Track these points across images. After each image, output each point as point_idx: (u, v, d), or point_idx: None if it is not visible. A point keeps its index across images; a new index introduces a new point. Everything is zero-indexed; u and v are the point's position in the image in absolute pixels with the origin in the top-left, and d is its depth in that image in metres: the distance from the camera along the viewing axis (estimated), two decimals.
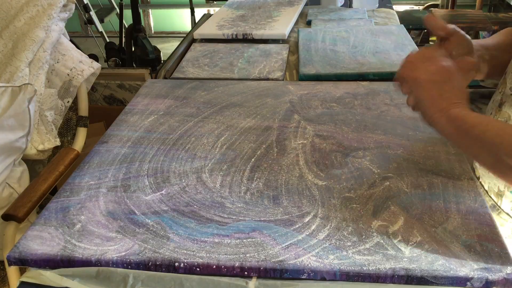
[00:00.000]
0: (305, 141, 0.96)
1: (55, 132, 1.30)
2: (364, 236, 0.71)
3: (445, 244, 0.69)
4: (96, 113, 1.74)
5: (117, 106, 1.98)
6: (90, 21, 3.42)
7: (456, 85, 0.74)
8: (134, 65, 2.51)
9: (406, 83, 0.76)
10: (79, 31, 4.41)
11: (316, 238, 0.71)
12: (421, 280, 0.65)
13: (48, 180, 1.05)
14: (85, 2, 3.31)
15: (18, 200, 1.00)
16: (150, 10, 4.97)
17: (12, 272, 0.91)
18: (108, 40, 3.23)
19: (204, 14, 2.00)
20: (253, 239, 0.71)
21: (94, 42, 3.56)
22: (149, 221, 0.75)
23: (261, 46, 1.51)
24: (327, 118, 1.04)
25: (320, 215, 0.76)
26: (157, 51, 2.49)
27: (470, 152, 0.74)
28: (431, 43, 3.91)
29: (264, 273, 0.67)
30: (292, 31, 1.67)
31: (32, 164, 1.32)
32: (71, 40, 1.45)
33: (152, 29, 5.05)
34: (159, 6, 4.99)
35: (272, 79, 1.28)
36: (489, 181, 0.90)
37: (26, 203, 0.99)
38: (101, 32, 3.47)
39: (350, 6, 2.11)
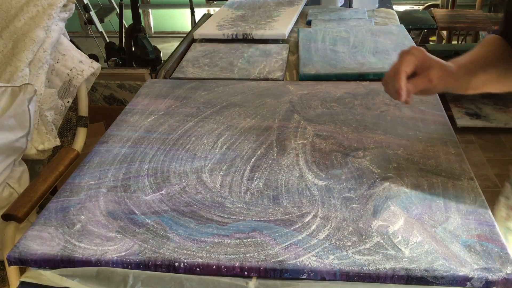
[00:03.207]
0: (305, 141, 0.96)
1: (55, 132, 1.30)
2: (364, 236, 0.71)
3: (445, 244, 0.69)
4: (96, 113, 1.74)
5: (117, 106, 1.98)
6: (90, 21, 3.42)
7: None
8: (134, 65, 2.51)
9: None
10: (79, 31, 4.40)
11: (316, 238, 0.71)
12: (421, 280, 0.65)
13: (48, 180, 1.05)
14: (85, 2, 3.30)
15: (18, 200, 1.00)
16: (150, 10, 4.97)
17: (12, 272, 0.91)
18: (108, 40, 3.23)
19: (204, 14, 2.00)
20: (253, 239, 0.71)
21: (94, 42, 3.55)
22: (149, 221, 0.75)
23: (261, 46, 1.51)
24: (327, 118, 1.04)
25: (320, 215, 0.76)
26: (157, 51, 2.49)
27: None
28: (431, 43, 3.92)
29: (264, 273, 0.67)
30: (292, 31, 1.67)
31: (32, 164, 1.32)
32: (71, 40, 1.45)
33: (152, 29, 5.05)
34: (159, 6, 4.99)
35: (272, 79, 1.28)
36: None
37: (26, 203, 0.99)
38: (101, 32, 3.47)
39: (350, 6, 2.11)
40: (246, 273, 0.67)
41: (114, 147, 0.96)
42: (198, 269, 0.67)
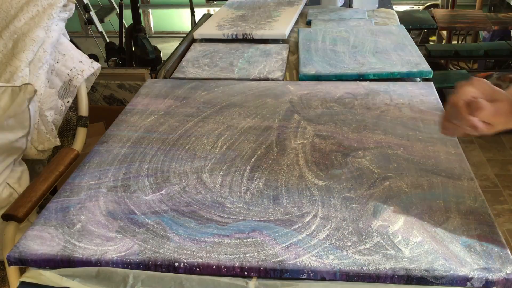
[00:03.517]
0: (305, 141, 0.96)
1: (55, 132, 1.30)
2: (364, 236, 0.71)
3: (445, 244, 0.69)
4: (96, 113, 1.74)
5: (117, 106, 1.98)
6: (90, 21, 3.42)
7: None
8: (134, 65, 2.51)
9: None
10: (79, 31, 4.40)
11: (316, 238, 0.71)
12: (421, 280, 0.65)
13: (48, 180, 1.05)
14: (85, 2, 3.30)
15: (18, 200, 1.00)
16: (150, 10, 4.97)
17: (12, 272, 0.91)
18: (108, 40, 3.23)
19: (204, 14, 2.00)
20: (253, 239, 0.71)
21: (94, 42, 3.55)
22: (149, 221, 0.75)
23: (261, 46, 1.51)
24: (327, 118, 1.04)
25: (320, 215, 0.76)
26: (157, 51, 2.49)
27: None
28: (431, 43, 3.92)
29: (264, 273, 0.67)
30: (292, 31, 1.67)
31: (32, 164, 1.32)
32: (71, 40, 1.45)
33: (152, 29, 5.05)
34: (159, 6, 4.99)
35: (272, 79, 1.28)
36: None
37: (26, 203, 0.99)
38: (101, 32, 3.47)
39: (350, 6, 2.11)
40: (246, 273, 0.67)
41: (114, 147, 0.96)
42: (198, 269, 0.67)
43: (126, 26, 2.66)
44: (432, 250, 0.68)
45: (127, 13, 2.78)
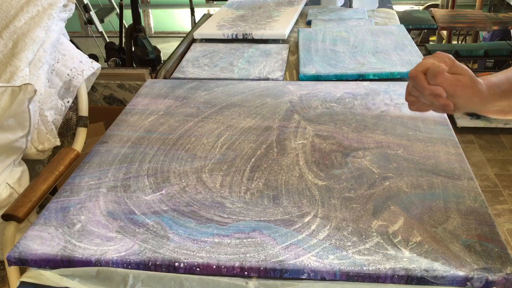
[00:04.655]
0: (305, 141, 0.96)
1: (55, 132, 1.30)
2: (364, 236, 0.71)
3: (445, 244, 0.69)
4: (96, 113, 1.74)
5: (117, 106, 1.98)
6: (90, 21, 3.42)
7: None
8: (134, 65, 2.51)
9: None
10: (79, 31, 4.40)
11: (316, 238, 0.71)
12: (421, 280, 0.65)
13: (48, 180, 1.05)
14: (85, 2, 3.30)
15: (18, 200, 1.00)
16: (150, 10, 4.97)
17: (12, 272, 0.91)
18: (108, 40, 3.23)
19: (204, 14, 2.00)
20: (253, 239, 0.71)
21: (94, 42, 3.56)
22: (149, 221, 0.75)
23: (261, 46, 1.51)
24: (327, 118, 1.04)
25: (320, 215, 0.76)
26: (157, 51, 2.49)
27: None
28: (431, 43, 3.92)
29: (264, 273, 0.67)
30: (292, 31, 1.67)
31: (32, 164, 1.32)
32: (71, 40, 1.45)
33: (152, 29, 5.05)
34: (159, 6, 4.99)
35: (272, 79, 1.28)
36: None
37: (26, 203, 0.99)
38: (101, 32, 3.47)
39: (350, 6, 2.11)
40: (246, 273, 0.67)
41: (114, 147, 0.96)
42: (198, 269, 0.67)
43: (126, 26, 2.66)
44: (432, 250, 0.68)
45: (127, 13, 2.78)
